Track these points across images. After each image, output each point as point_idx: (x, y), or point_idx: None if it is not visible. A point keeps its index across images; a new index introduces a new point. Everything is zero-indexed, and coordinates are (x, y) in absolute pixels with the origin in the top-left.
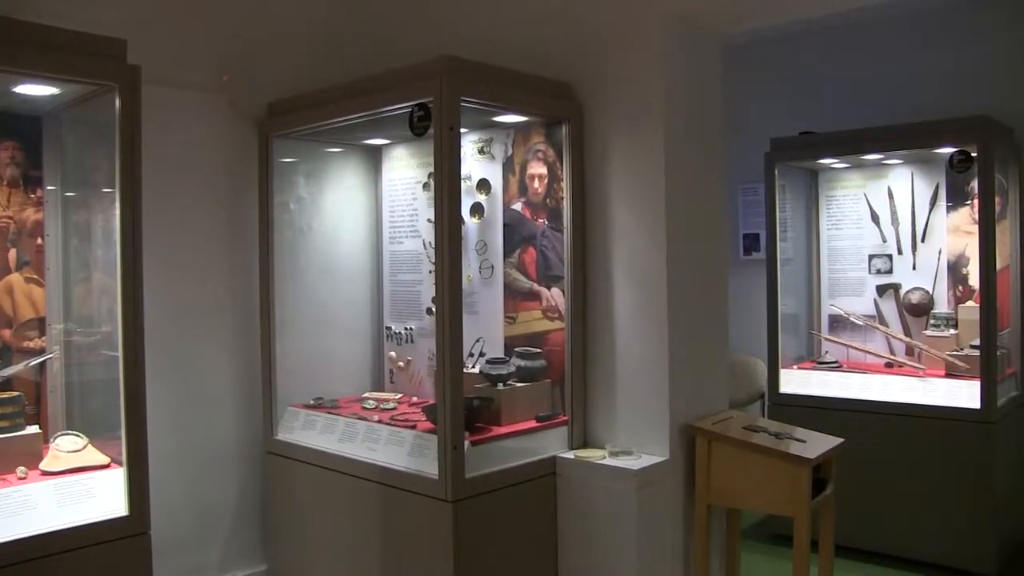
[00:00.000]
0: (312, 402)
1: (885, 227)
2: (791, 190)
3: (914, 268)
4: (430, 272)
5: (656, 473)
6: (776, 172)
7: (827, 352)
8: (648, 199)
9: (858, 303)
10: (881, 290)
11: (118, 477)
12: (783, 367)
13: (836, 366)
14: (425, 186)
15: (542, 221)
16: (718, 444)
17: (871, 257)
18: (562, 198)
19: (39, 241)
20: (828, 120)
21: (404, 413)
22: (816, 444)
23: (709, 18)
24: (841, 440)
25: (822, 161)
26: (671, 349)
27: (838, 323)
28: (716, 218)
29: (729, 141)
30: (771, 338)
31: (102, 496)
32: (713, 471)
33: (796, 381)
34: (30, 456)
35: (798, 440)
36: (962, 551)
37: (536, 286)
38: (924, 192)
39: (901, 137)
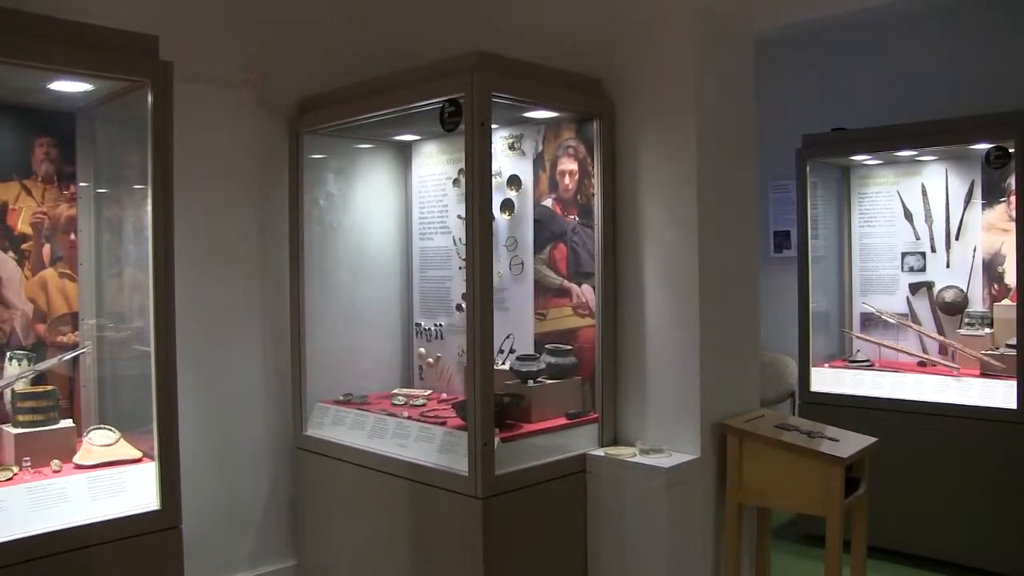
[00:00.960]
0: (341, 398)
1: (918, 224)
2: (823, 187)
3: (948, 266)
4: (460, 268)
5: (687, 471)
6: (808, 169)
7: (859, 351)
8: (680, 195)
9: (890, 301)
10: (914, 288)
11: (150, 471)
12: (814, 365)
13: (868, 365)
14: (455, 182)
15: (573, 217)
16: (750, 443)
17: (904, 255)
18: (593, 194)
19: (72, 237)
20: (859, 116)
21: (434, 409)
22: (849, 443)
23: (742, 13)
24: (874, 439)
25: (855, 158)
26: (702, 346)
27: (870, 321)
28: (748, 215)
29: (759, 137)
30: (802, 336)
31: (134, 490)
32: (744, 470)
33: (828, 380)
34: (64, 449)
35: (830, 439)
36: (996, 553)
37: (566, 283)
38: (959, 189)
39: (936, 133)
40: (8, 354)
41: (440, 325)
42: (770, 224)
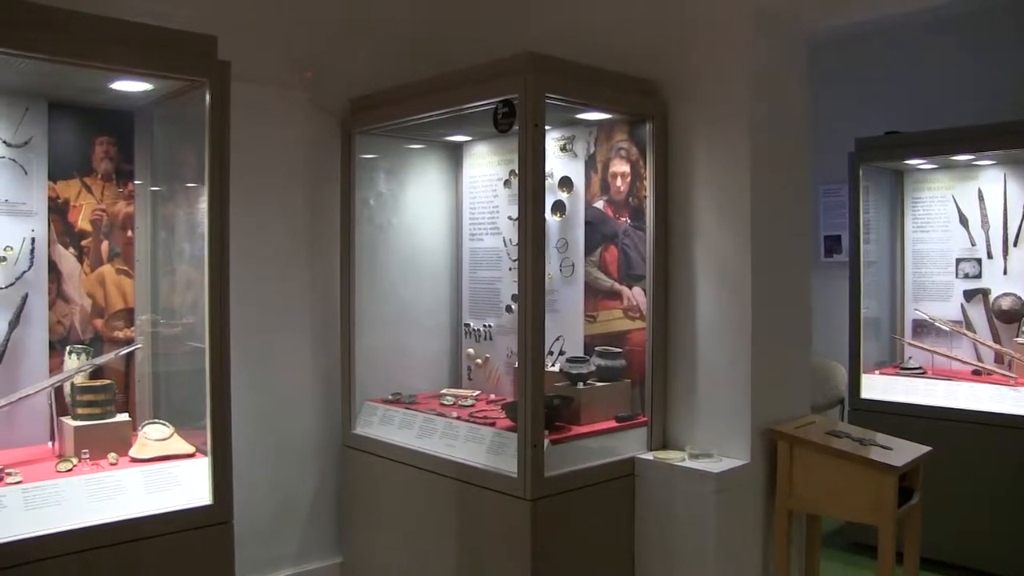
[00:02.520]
0: (390, 397)
1: (974, 230)
2: (875, 191)
3: (1005, 273)
4: (510, 269)
5: (736, 477)
6: (860, 173)
7: (911, 358)
8: (733, 198)
9: (944, 308)
10: (969, 295)
11: (202, 466)
12: (865, 372)
13: (920, 372)
14: (506, 183)
15: (624, 219)
16: (800, 449)
17: (959, 261)
18: (645, 196)
19: (129, 234)
20: (911, 119)
21: (482, 410)
22: (902, 452)
23: (796, 15)
24: (928, 448)
25: (909, 162)
26: (754, 351)
27: (922, 328)
28: (801, 219)
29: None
30: (853, 342)
31: (187, 484)
32: (795, 476)
33: (878, 387)
34: (120, 443)
35: (883, 447)
36: None
37: (617, 285)
38: (1018, 194)
39: (995, 136)
40: (68, 348)
41: (489, 326)
42: (820, 228)
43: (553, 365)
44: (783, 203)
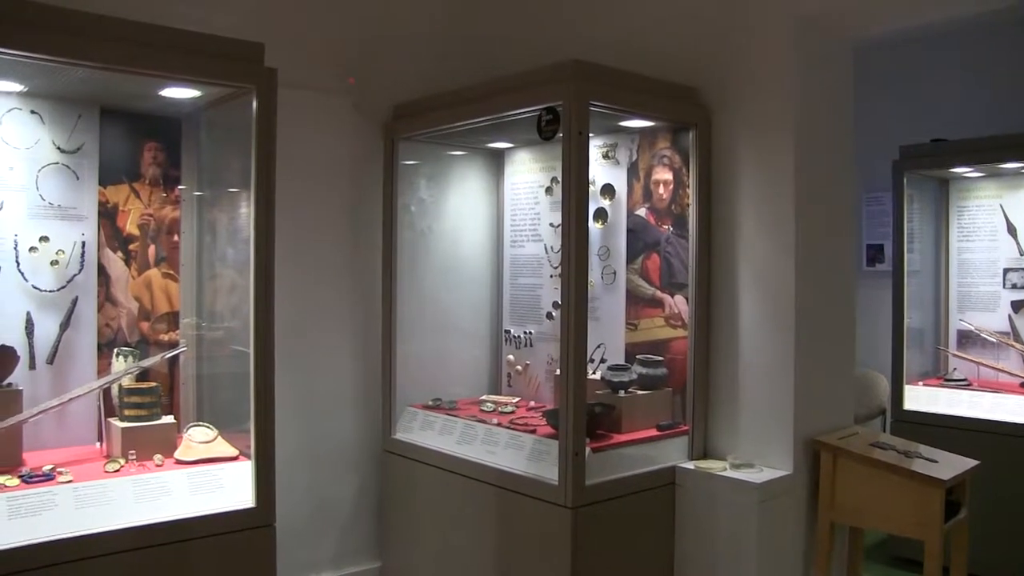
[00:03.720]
0: (431, 403)
1: (1023, 239)
2: (919, 199)
3: None
4: (551, 276)
5: (779, 487)
6: (905, 181)
7: (955, 369)
8: (777, 207)
9: (990, 319)
10: (1017, 306)
11: (246, 469)
12: (908, 383)
13: (965, 384)
14: (548, 190)
15: (666, 227)
16: (844, 460)
17: (1006, 271)
18: (688, 204)
19: (175, 238)
20: (955, 127)
21: (523, 417)
22: (949, 465)
23: (841, 21)
24: (975, 462)
25: (955, 170)
26: (797, 361)
27: (967, 339)
28: (845, 228)
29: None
30: (896, 353)
31: (230, 487)
32: (838, 488)
33: (922, 398)
34: (165, 445)
35: (928, 460)
36: None
37: (659, 293)
38: None
39: None
40: (115, 350)
41: (530, 332)
42: (862, 237)
43: (594, 373)
44: (827, 212)
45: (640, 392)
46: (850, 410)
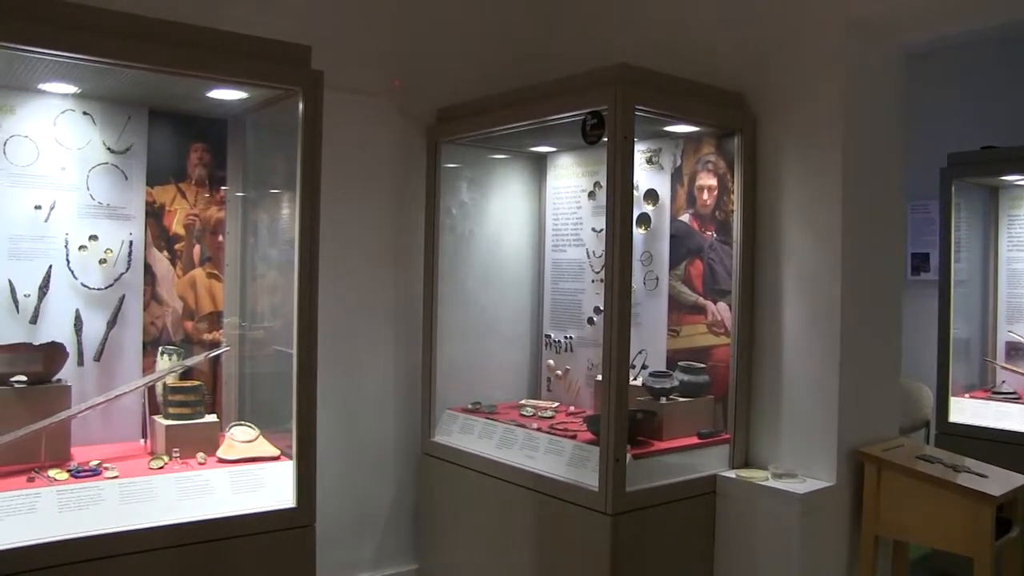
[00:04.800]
0: (470, 406)
1: None
2: (967, 208)
3: None
4: (592, 281)
5: (821, 499)
6: (953, 189)
7: (1004, 382)
8: (823, 214)
9: None
10: None
11: (287, 469)
12: (953, 395)
13: (1014, 397)
14: (591, 195)
15: (710, 234)
16: (889, 472)
17: None
18: (732, 211)
19: (220, 238)
20: (1008, 134)
21: (562, 422)
22: (999, 480)
23: (891, 26)
24: None
25: (1005, 178)
26: (842, 370)
27: (1016, 351)
28: (892, 236)
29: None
30: (941, 364)
31: (271, 487)
32: (882, 501)
33: (968, 411)
34: (208, 443)
35: (977, 474)
36: None
37: (702, 300)
38: None
39: None
40: (160, 348)
41: (570, 337)
42: (908, 245)
43: (635, 379)
44: (874, 220)
45: (681, 399)
46: (895, 421)
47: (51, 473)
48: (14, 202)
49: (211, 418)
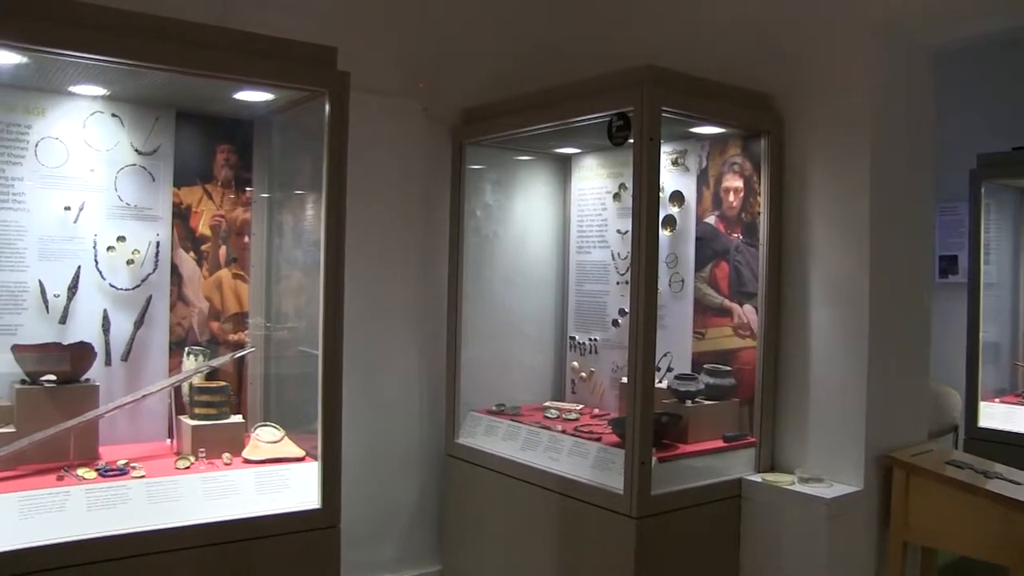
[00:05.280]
0: (494, 408)
1: None
2: (996, 210)
3: None
4: (617, 283)
5: (849, 504)
6: (983, 191)
7: None
8: (851, 216)
9: None
10: None
11: (312, 470)
12: (983, 399)
13: None
14: (616, 196)
15: (736, 236)
16: (918, 478)
17: None
18: (758, 212)
19: (246, 239)
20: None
21: (587, 424)
22: None
23: (919, 26)
24: None
25: None
26: (870, 373)
27: None
28: (921, 238)
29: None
30: (970, 368)
31: (296, 487)
32: (911, 506)
33: (998, 415)
34: (234, 444)
35: (1011, 481)
36: None
37: (727, 302)
38: None
39: None
40: (186, 349)
41: (595, 339)
42: (935, 248)
43: (661, 381)
44: (903, 221)
45: (707, 402)
46: (924, 426)
47: (80, 472)
48: (44, 203)
49: (237, 419)
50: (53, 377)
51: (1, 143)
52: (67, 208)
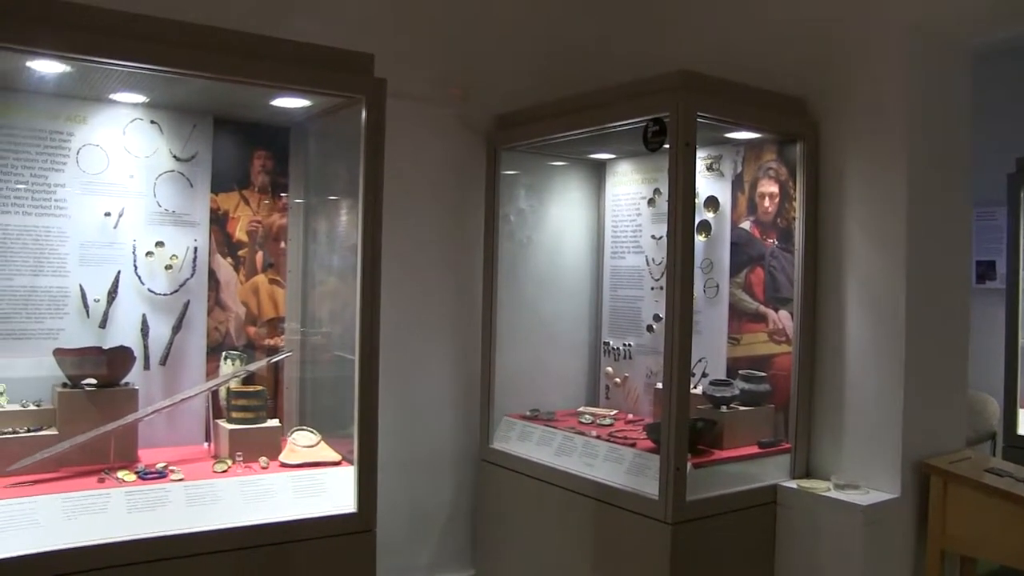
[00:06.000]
0: (528, 413)
1: None
2: None
3: None
4: (652, 289)
5: (885, 511)
6: (1022, 195)
7: None
8: (888, 221)
9: None
10: None
11: (348, 475)
12: (1021, 407)
13: None
14: (650, 202)
15: (771, 241)
16: (956, 485)
17: None
18: (794, 218)
19: (282, 245)
20: None
21: (621, 430)
22: None
23: (957, 28)
24: None
25: None
26: (907, 380)
27: None
28: (959, 243)
29: None
30: (1008, 374)
31: (332, 492)
32: (949, 514)
33: None
34: (270, 447)
35: None
36: None
37: (762, 307)
38: None
39: None
40: (223, 353)
41: (629, 345)
42: (972, 253)
43: (695, 387)
44: (940, 226)
45: (742, 408)
46: (962, 433)
47: (120, 474)
48: (85, 209)
49: (273, 423)
50: (94, 381)
51: (44, 150)
52: (107, 214)
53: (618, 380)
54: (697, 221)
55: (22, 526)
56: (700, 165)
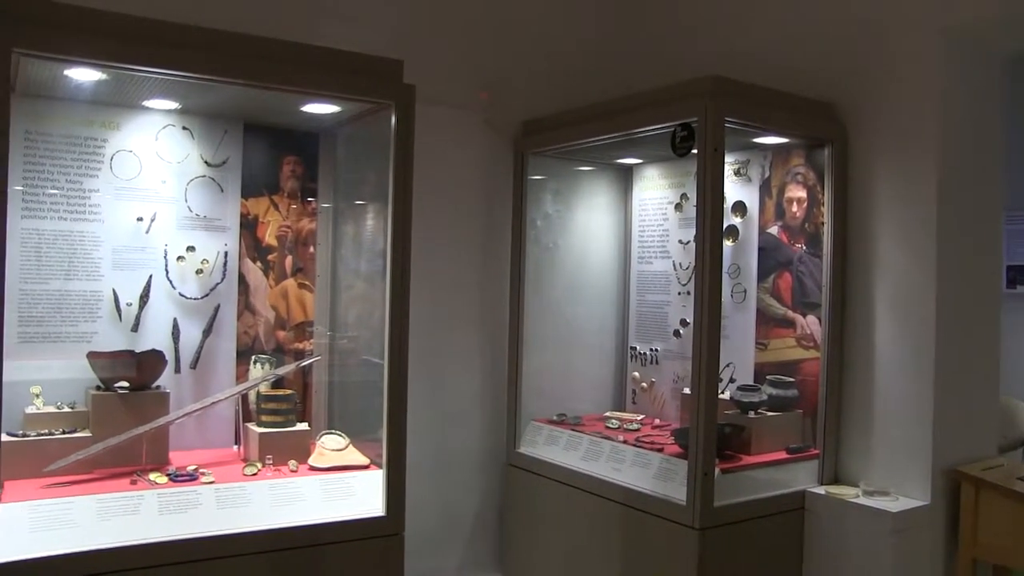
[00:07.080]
0: (555, 418)
1: None
2: None
3: None
4: (679, 294)
5: (915, 518)
6: None
7: None
8: (917, 227)
9: None
10: None
11: (376, 478)
12: None
13: None
14: (677, 207)
15: (799, 246)
16: (988, 493)
17: None
18: (822, 223)
19: (311, 249)
20: None
21: (648, 435)
22: None
23: (988, 31)
24: None
25: None
26: (936, 386)
27: None
28: (989, 248)
29: None
30: None
31: (361, 495)
32: (981, 522)
33: None
34: (299, 451)
35: None
36: None
37: (790, 313)
38: None
39: None
40: (253, 357)
41: (656, 350)
42: (1003, 258)
43: (723, 392)
44: (970, 231)
45: (770, 413)
46: (994, 440)
47: (151, 476)
48: (118, 214)
49: (302, 426)
50: (126, 384)
51: (79, 156)
52: (139, 219)
53: (645, 385)
54: (724, 226)
55: (58, 526)
56: (728, 170)
